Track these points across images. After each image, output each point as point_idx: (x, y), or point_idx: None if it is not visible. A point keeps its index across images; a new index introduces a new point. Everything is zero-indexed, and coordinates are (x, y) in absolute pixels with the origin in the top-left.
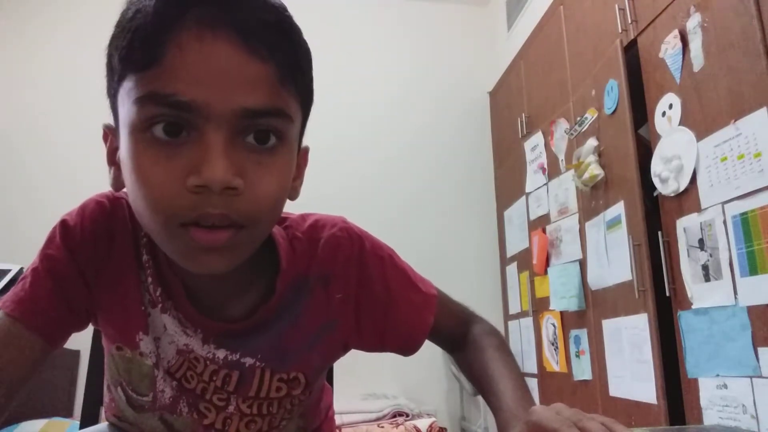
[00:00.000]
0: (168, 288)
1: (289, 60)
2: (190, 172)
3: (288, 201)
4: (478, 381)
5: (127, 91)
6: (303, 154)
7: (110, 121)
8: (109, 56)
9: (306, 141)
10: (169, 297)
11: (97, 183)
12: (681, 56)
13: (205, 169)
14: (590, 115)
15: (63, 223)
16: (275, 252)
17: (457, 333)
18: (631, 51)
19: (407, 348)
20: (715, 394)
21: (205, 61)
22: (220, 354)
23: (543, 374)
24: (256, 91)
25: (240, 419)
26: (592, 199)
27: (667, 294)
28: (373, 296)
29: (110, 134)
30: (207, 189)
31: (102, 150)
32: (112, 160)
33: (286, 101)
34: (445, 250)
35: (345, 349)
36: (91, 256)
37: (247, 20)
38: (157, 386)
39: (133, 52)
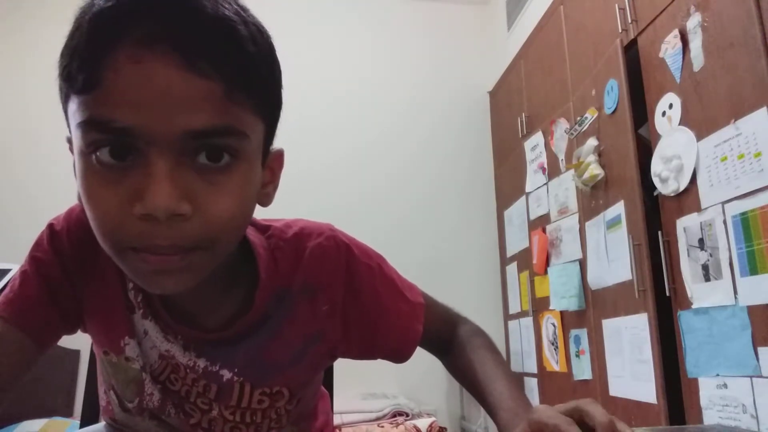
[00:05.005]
0: (147, 294)
1: (238, 71)
2: (136, 199)
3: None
4: (471, 382)
5: (72, 112)
6: (275, 158)
7: None
8: (58, 71)
9: (304, 142)
10: (149, 303)
11: None
12: (681, 56)
13: (149, 196)
14: (590, 115)
15: (50, 227)
16: (255, 263)
17: (445, 337)
18: (631, 51)
19: (397, 357)
20: (715, 394)
21: (142, 82)
22: (201, 363)
23: (543, 374)
24: (200, 110)
25: (224, 423)
26: (592, 199)
27: (667, 294)
28: (362, 306)
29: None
30: (153, 216)
31: None
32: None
33: (236, 116)
34: (445, 249)
35: (332, 358)
36: (78, 259)
37: (186, 35)
38: (145, 389)
39: (72, 74)
